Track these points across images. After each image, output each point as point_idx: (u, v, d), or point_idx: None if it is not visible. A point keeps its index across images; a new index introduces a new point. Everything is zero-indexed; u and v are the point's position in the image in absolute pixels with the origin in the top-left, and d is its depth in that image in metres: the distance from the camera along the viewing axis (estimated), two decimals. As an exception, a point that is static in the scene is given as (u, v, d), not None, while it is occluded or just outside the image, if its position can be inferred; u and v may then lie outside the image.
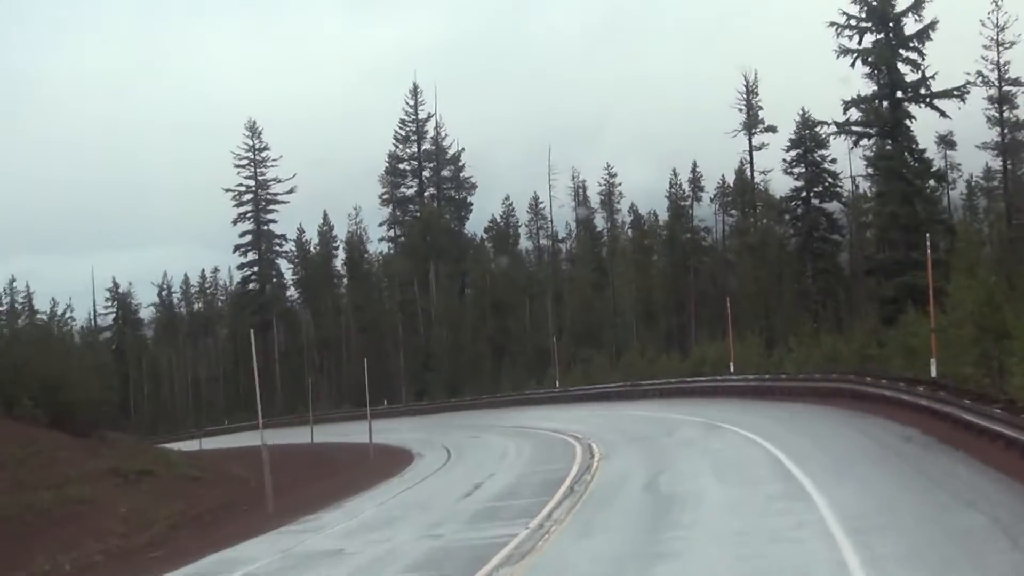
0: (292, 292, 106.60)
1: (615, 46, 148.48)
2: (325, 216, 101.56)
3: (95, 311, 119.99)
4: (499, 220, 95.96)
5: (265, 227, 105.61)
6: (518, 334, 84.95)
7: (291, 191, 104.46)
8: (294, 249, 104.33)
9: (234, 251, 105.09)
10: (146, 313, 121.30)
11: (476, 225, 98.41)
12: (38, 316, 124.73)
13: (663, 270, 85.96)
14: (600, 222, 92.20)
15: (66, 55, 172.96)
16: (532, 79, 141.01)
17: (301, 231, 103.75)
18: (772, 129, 76.48)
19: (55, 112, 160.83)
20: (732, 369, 51.27)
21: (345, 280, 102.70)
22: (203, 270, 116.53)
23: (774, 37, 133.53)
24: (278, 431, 60.16)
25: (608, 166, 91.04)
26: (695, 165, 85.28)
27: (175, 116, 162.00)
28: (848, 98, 59.36)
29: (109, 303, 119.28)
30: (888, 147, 59.01)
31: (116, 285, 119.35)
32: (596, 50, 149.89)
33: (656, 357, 65.89)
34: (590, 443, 32.56)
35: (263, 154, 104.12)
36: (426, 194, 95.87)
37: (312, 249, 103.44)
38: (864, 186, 73.98)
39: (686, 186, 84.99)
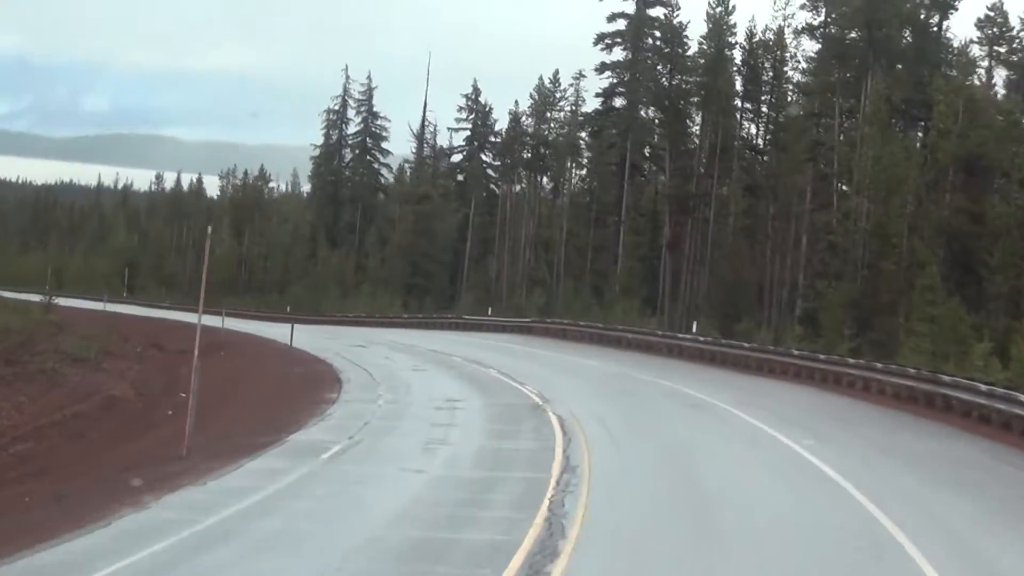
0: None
1: None
2: (722, -7, 60.14)
3: (423, 125, 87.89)
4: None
5: (649, 10, 67.50)
6: (1002, 227, 40.70)
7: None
8: (662, 44, 64.83)
9: (596, 42, 68.15)
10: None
11: (965, 24, 53.69)
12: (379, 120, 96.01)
13: None
14: None
15: None
16: None
17: (674, 7, 64.01)
18: None
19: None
20: None
21: (739, 101, 61.18)
22: (556, 71, 78.58)
23: None
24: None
25: None
26: None
27: None
28: None
29: (464, 113, 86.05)
30: None
31: (476, 90, 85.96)
32: None
33: None
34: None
35: None
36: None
37: (699, 44, 62.88)
38: None
39: None
